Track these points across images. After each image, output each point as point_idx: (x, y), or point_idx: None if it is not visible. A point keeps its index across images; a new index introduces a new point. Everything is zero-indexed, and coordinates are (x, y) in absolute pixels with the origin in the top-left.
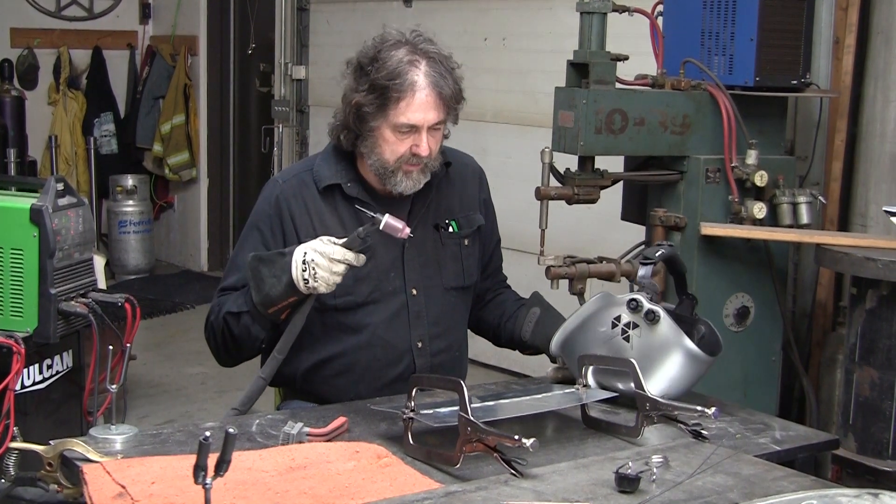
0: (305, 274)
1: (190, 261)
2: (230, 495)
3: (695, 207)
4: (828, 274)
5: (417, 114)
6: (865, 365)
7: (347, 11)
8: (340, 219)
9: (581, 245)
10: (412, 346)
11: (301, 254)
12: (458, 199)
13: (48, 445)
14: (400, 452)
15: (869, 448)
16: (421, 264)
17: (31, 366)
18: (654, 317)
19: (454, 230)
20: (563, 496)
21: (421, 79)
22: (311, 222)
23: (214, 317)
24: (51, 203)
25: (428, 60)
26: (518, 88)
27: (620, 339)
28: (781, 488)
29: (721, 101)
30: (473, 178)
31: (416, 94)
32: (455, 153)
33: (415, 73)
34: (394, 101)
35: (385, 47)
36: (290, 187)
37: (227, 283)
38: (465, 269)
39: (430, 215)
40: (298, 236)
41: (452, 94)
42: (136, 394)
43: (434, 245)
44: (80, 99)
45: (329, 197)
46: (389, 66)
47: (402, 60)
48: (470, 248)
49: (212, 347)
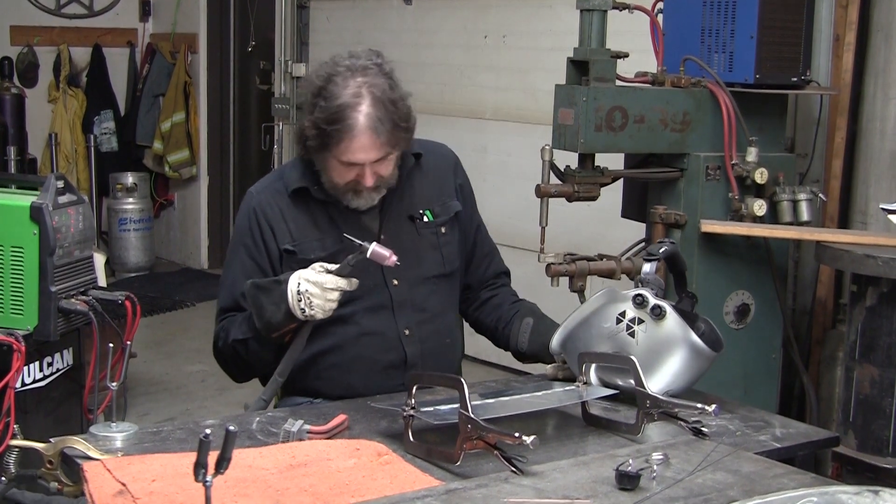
0: (301, 304)
1: (190, 258)
2: (231, 493)
3: (695, 205)
4: (828, 271)
5: (357, 155)
6: (865, 362)
7: (347, 9)
8: (314, 220)
9: (581, 242)
10: (400, 335)
11: (295, 284)
12: (433, 187)
13: (49, 443)
14: (400, 450)
15: (869, 445)
16: (399, 256)
17: (31, 363)
18: (660, 312)
19: (429, 219)
20: (564, 493)
21: (362, 121)
22: (288, 227)
23: (223, 343)
24: (51, 201)
25: (371, 99)
26: (518, 86)
27: (625, 335)
28: (782, 486)
29: (721, 98)
30: (447, 164)
31: (355, 138)
32: (427, 143)
33: (356, 116)
34: (335, 141)
35: (334, 80)
36: (263, 197)
37: (224, 305)
38: (444, 256)
39: (403, 207)
40: (278, 244)
41: (392, 129)
42: (136, 391)
43: (410, 236)
44: (80, 97)
45: (301, 200)
46: (332, 106)
47: (345, 102)
48: (448, 236)
49: (224, 370)
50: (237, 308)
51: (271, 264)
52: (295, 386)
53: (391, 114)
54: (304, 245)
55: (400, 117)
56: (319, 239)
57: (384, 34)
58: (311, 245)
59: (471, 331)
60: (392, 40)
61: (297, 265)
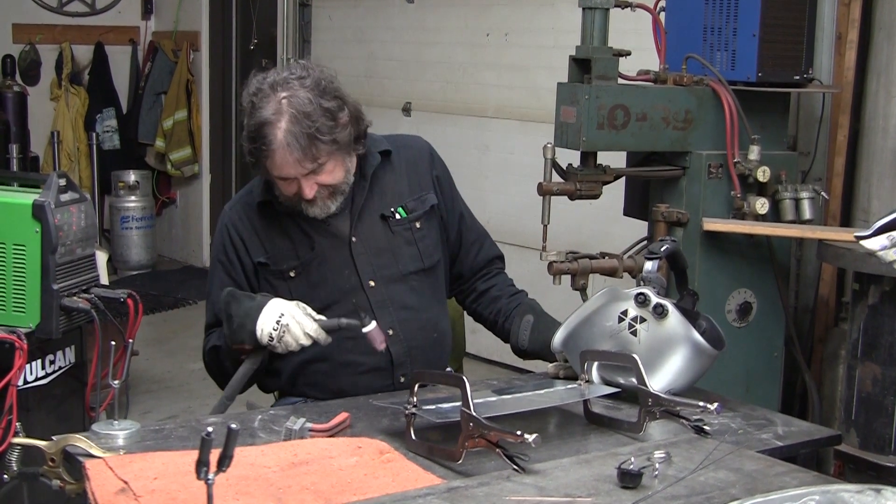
0: (274, 332)
1: (192, 256)
2: (232, 491)
3: (697, 203)
4: (830, 269)
5: (283, 170)
6: (868, 361)
7: (349, 7)
8: (285, 231)
9: (583, 241)
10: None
11: (278, 312)
12: (407, 183)
13: (51, 441)
14: (402, 448)
15: (871, 444)
16: (373, 256)
17: (33, 361)
18: (662, 310)
19: (402, 216)
20: (566, 492)
21: (279, 139)
22: (260, 240)
23: (208, 359)
24: (53, 199)
25: (289, 116)
26: (520, 84)
27: (627, 333)
28: (784, 484)
29: (723, 96)
30: (422, 157)
31: (275, 154)
32: (398, 138)
33: (274, 133)
34: (263, 158)
35: (258, 98)
36: (235, 213)
37: (208, 321)
38: (421, 251)
39: (374, 207)
40: (251, 257)
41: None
42: (138, 389)
43: (384, 235)
44: (82, 95)
45: (269, 212)
46: (253, 124)
47: (264, 119)
48: (424, 230)
49: (216, 382)
50: (218, 324)
51: (247, 278)
52: (290, 392)
53: (307, 128)
54: (276, 256)
55: (320, 130)
56: (292, 249)
57: (386, 32)
58: (284, 255)
59: (472, 328)
60: (394, 38)
61: (271, 276)
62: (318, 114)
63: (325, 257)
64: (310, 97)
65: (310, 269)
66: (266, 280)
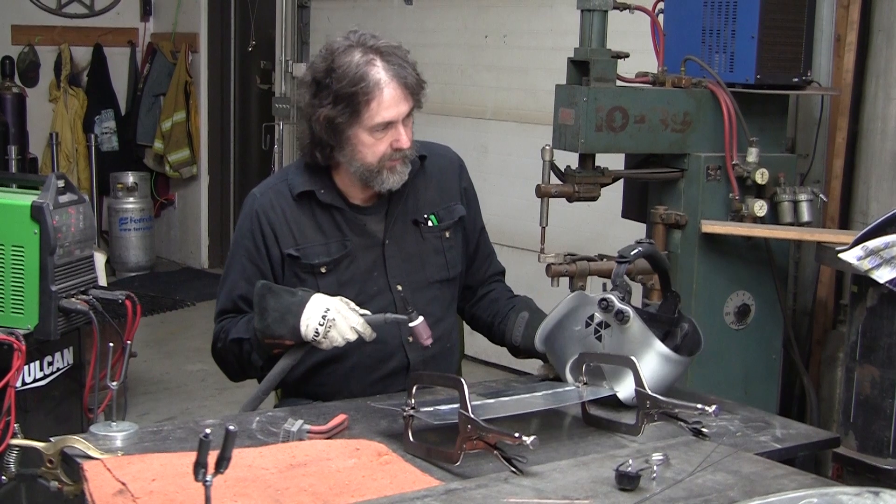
0: (320, 328)
1: (190, 258)
2: (230, 492)
3: (695, 205)
4: (828, 272)
5: (390, 110)
6: (866, 363)
7: (348, 9)
8: (319, 225)
9: (581, 243)
10: (403, 341)
11: (323, 308)
12: (437, 191)
13: (49, 442)
14: (400, 450)
15: (870, 446)
16: (402, 260)
17: (31, 363)
18: (623, 317)
19: (434, 224)
20: (564, 494)
21: (383, 75)
22: (291, 231)
23: (222, 343)
24: (52, 200)
25: (382, 56)
26: (519, 86)
27: (593, 339)
28: (782, 486)
29: (722, 98)
30: (452, 168)
31: (385, 91)
32: (431, 146)
33: (375, 71)
34: (364, 105)
35: (337, 55)
36: (266, 199)
37: (223, 307)
38: (448, 261)
39: (408, 211)
40: (280, 248)
41: (417, 82)
42: (136, 391)
43: (415, 240)
44: (80, 96)
45: (305, 204)
46: (349, 72)
47: (360, 63)
48: (452, 240)
49: (222, 369)
50: (235, 310)
51: (272, 268)
52: (297, 391)
53: (403, 60)
54: (307, 250)
55: (413, 67)
56: (324, 244)
57: (385, 34)
58: (315, 250)
59: (469, 331)
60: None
61: (300, 270)
62: (404, 51)
63: (356, 256)
64: (384, 41)
65: (340, 267)
66: (294, 273)
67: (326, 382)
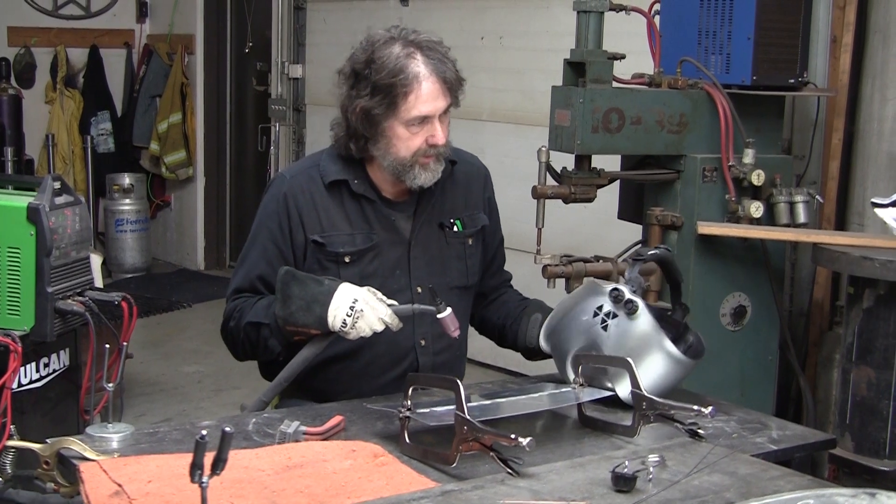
0: (348, 319)
1: (187, 259)
2: (227, 494)
3: (691, 206)
4: (825, 273)
5: (427, 104)
6: (862, 364)
7: (344, 10)
8: (347, 215)
9: (578, 244)
10: (416, 344)
11: (351, 298)
12: (463, 198)
13: (45, 444)
14: (396, 451)
15: (866, 447)
16: (426, 263)
17: (27, 364)
18: (632, 307)
19: (459, 229)
20: (560, 495)
21: (423, 69)
22: (319, 218)
23: (235, 323)
24: (48, 202)
25: (422, 50)
26: (515, 87)
27: (599, 328)
28: (778, 488)
29: (718, 100)
30: (478, 177)
31: (423, 85)
32: (460, 152)
33: (415, 64)
34: (402, 97)
35: (377, 48)
36: (297, 183)
37: (239, 285)
38: (468, 268)
39: (434, 214)
40: (306, 233)
41: (456, 78)
42: (132, 392)
43: (439, 244)
44: (76, 98)
45: (335, 193)
46: (388, 63)
47: (400, 55)
48: (473, 248)
49: (230, 348)
50: (252, 290)
51: (294, 253)
52: (302, 387)
53: (443, 56)
54: (333, 238)
55: (453, 63)
56: (350, 234)
57: None
58: (341, 239)
59: (469, 331)
60: None
61: (324, 258)
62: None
63: (381, 251)
64: (426, 36)
65: (364, 259)
66: (317, 260)
67: (335, 380)
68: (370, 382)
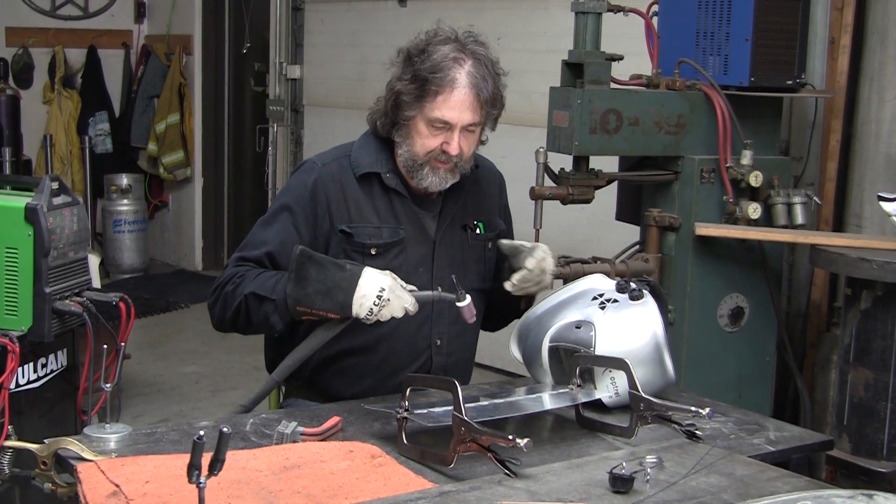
0: (375, 307)
1: (184, 260)
2: (224, 494)
3: (689, 208)
4: (822, 274)
5: (453, 111)
6: (860, 365)
7: (342, 11)
8: (376, 208)
9: (575, 245)
10: (432, 344)
11: (378, 287)
12: (485, 201)
13: (42, 444)
14: (394, 452)
15: (863, 449)
16: (448, 263)
17: (25, 364)
18: (638, 294)
19: (481, 232)
20: (557, 496)
21: (462, 77)
22: (347, 208)
23: (233, 288)
24: (45, 202)
25: (474, 61)
26: (513, 88)
27: (596, 308)
28: (775, 489)
29: (716, 101)
30: (495, 183)
31: (455, 91)
32: (482, 158)
33: (457, 70)
34: (431, 94)
35: (434, 41)
36: (328, 172)
37: (245, 254)
38: (486, 271)
39: (459, 215)
40: (333, 222)
41: (490, 98)
42: (130, 393)
43: (461, 245)
44: (74, 98)
45: (366, 185)
46: (434, 59)
47: (448, 56)
48: (491, 252)
49: (217, 312)
50: (257, 263)
51: (316, 240)
52: (311, 381)
53: (494, 78)
54: (360, 229)
55: (496, 85)
56: (377, 227)
57: (379, 36)
58: (368, 231)
59: None
60: (386, 42)
61: (350, 248)
62: (499, 70)
63: (406, 246)
64: (487, 52)
65: (390, 253)
66: (342, 249)
67: (349, 373)
68: (383, 380)
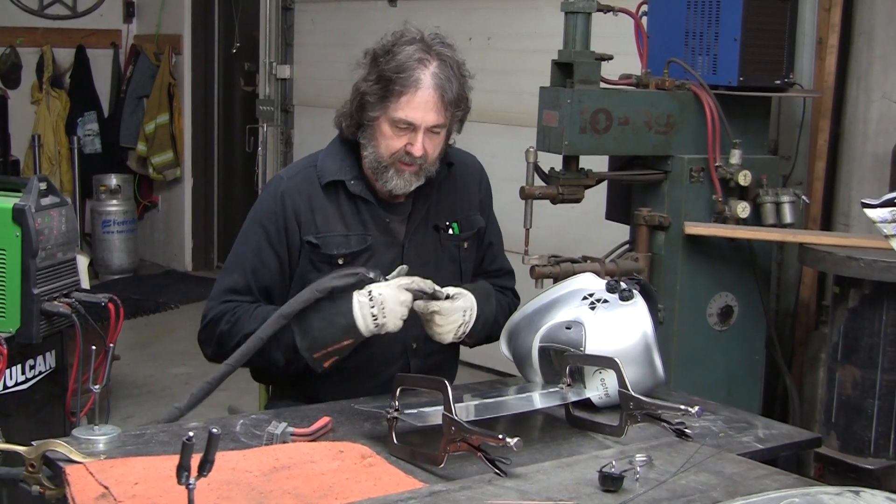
0: (374, 310)
1: (174, 261)
2: (214, 495)
3: (679, 207)
4: (811, 273)
5: (416, 111)
6: (848, 363)
7: (332, 10)
8: (342, 216)
9: (565, 244)
10: (407, 347)
11: (364, 293)
12: (461, 199)
13: (31, 446)
14: (384, 452)
15: (851, 446)
16: (419, 265)
17: (13, 366)
18: (629, 295)
19: (455, 232)
20: (547, 495)
21: (426, 78)
22: (314, 219)
23: (229, 327)
24: (34, 203)
25: (439, 62)
26: (503, 88)
27: (585, 307)
28: (764, 486)
29: (705, 100)
30: (474, 177)
31: (419, 92)
32: (458, 153)
33: (422, 71)
34: (395, 95)
35: (400, 42)
36: (294, 184)
37: (233, 285)
38: (462, 271)
39: (430, 216)
40: (301, 234)
41: (455, 99)
42: (119, 394)
43: (433, 246)
44: (63, 98)
45: (332, 193)
46: (399, 59)
47: (413, 57)
48: (468, 251)
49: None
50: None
51: (289, 254)
52: (293, 389)
53: (459, 79)
54: (328, 239)
55: (461, 87)
56: (345, 235)
57: (369, 36)
58: (336, 241)
59: None
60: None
61: (317, 259)
62: (464, 72)
63: (374, 252)
64: (453, 53)
65: (358, 261)
66: (310, 261)
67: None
68: (361, 384)
